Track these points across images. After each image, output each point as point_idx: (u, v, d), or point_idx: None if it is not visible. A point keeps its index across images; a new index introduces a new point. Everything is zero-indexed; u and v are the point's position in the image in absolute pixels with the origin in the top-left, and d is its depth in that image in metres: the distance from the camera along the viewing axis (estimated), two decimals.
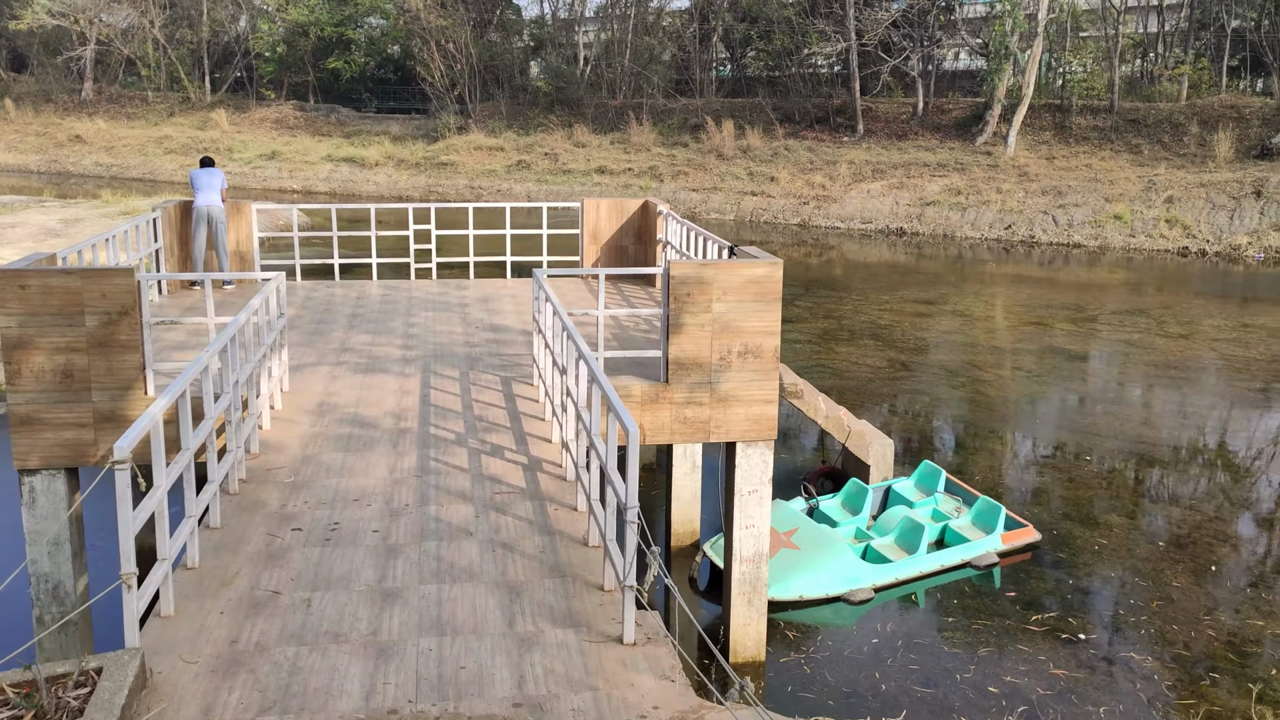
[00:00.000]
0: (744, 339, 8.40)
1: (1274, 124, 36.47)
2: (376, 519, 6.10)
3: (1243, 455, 13.96)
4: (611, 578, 5.12)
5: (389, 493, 6.49)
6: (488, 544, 5.71)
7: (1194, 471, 13.29)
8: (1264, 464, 13.63)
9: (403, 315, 11.50)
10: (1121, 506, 12.12)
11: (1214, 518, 11.83)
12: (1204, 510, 12.04)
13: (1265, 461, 13.73)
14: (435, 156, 48.17)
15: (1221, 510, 12.05)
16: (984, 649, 9.13)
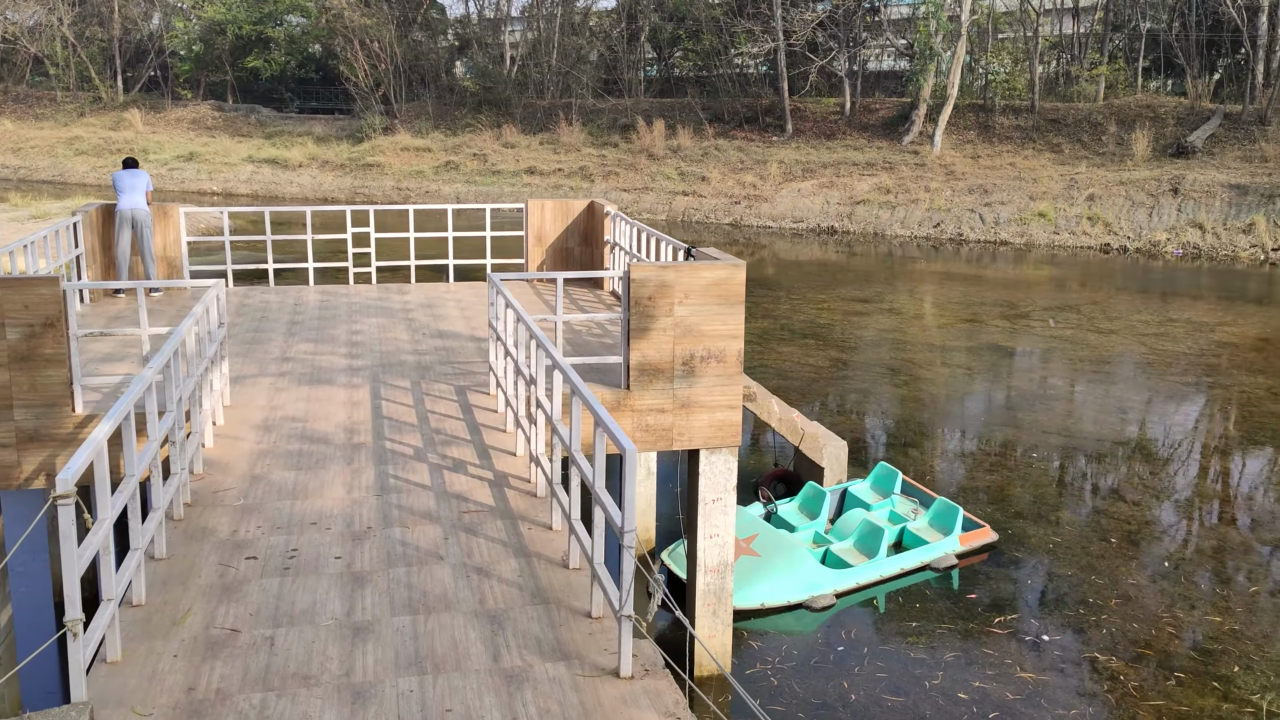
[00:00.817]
0: (707, 343, 8.17)
1: (1188, 123, 37.48)
2: (338, 544, 5.71)
3: (1184, 450, 14.15)
4: (599, 604, 4.82)
5: (349, 514, 6.10)
6: (461, 569, 5.36)
7: (1139, 467, 13.42)
8: (1204, 459, 13.83)
9: (345, 322, 11.04)
10: (1072, 503, 12.16)
11: (1162, 513, 11.93)
12: (1151, 506, 12.14)
13: (1205, 456, 13.93)
14: (361, 158, 47.24)
15: (1168, 505, 12.17)
16: (950, 653, 9.03)
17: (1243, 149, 35.43)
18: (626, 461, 3.94)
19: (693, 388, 8.22)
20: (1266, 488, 12.70)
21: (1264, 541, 11.19)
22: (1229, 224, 31.39)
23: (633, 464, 3.94)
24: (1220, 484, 12.88)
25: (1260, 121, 36.17)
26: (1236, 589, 10.14)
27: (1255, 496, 12.46)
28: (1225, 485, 12.82)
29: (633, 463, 3.94)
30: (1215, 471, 13.31)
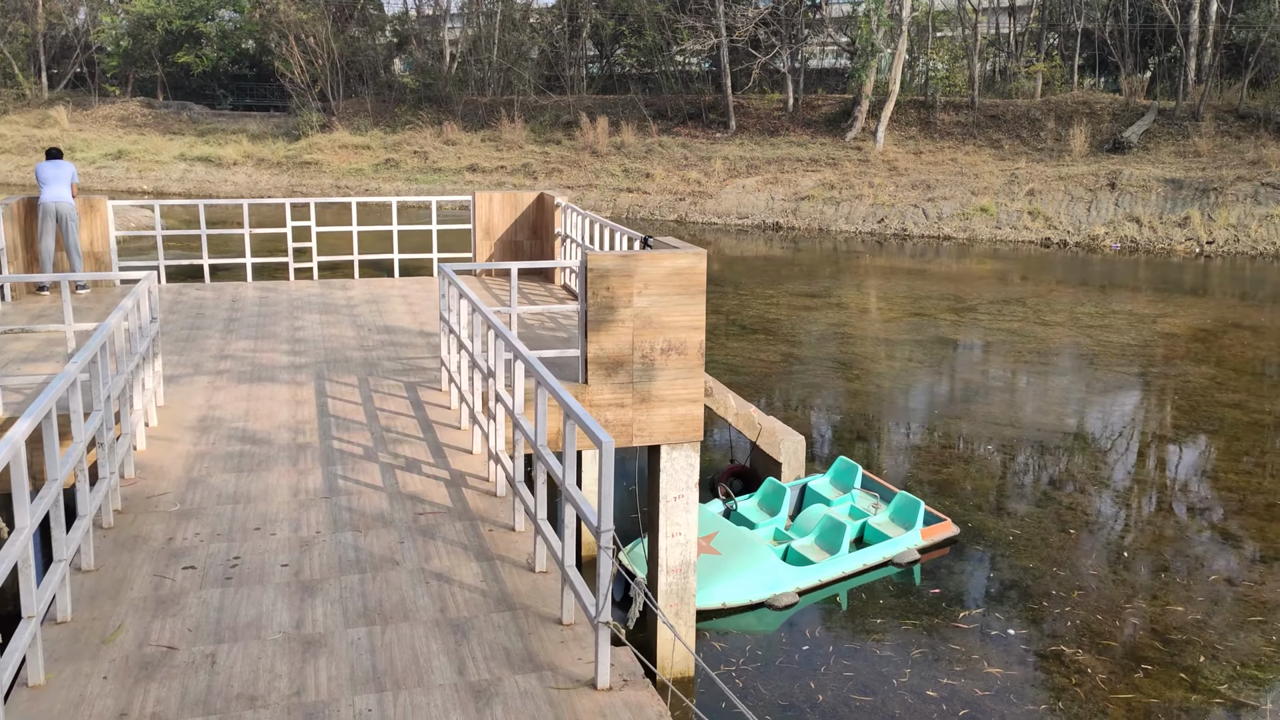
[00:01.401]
0: (667, 335, 7.89)
1: (1124, 119, 38.06)
2: (284, 550, 5.31)
3: (1135, 440, 14.18)
4: (570, 609, 4.50)
5: (295, 518, 5.69)
6: (419, 574, 4.99)
7: (1092, 457, 13.40)
8: (1155, 448, 13.87)
9: (286, 318, 10.57)
10: (1029, 495, 12.09)
11: (1117, 503, 11.90)
12: (1107, 496, 12.11)
13: (1156, 445, 13.97)
14: (298, 155, 46.27)
15: (1123, 495, 12.15)
16: (917, 650, 8.85)
17: (1177, 144, 36.05)
18: (604, 456, 3.64)
19: (653, 381, 7.94)
20: (1218, 475, 12.75)
21: (1218, 529, 11.19)
22: (1165, 218, 31.88)
23: (610, 458, 3.64)
24: (1172, 473, 12.90)
25: (1193, 117, 36.84)
26: (1197, 578, 10.10)
27: (1207, 485, 12.50)
28: (1177, 474, 12.85)
29: (610, 457, 3.64)
30: (1167, 461, 13.34)
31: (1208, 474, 12.82)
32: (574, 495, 4.05)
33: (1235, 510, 11.72)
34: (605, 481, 3.68)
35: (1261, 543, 10.88)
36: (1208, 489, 12.34)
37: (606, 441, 3.64)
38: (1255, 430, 14.46)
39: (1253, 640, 8.97)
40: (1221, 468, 13.03)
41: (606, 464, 3.64)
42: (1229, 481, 12.58)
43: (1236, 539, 10.97)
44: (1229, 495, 12.14)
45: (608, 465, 3.65)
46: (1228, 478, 12.70)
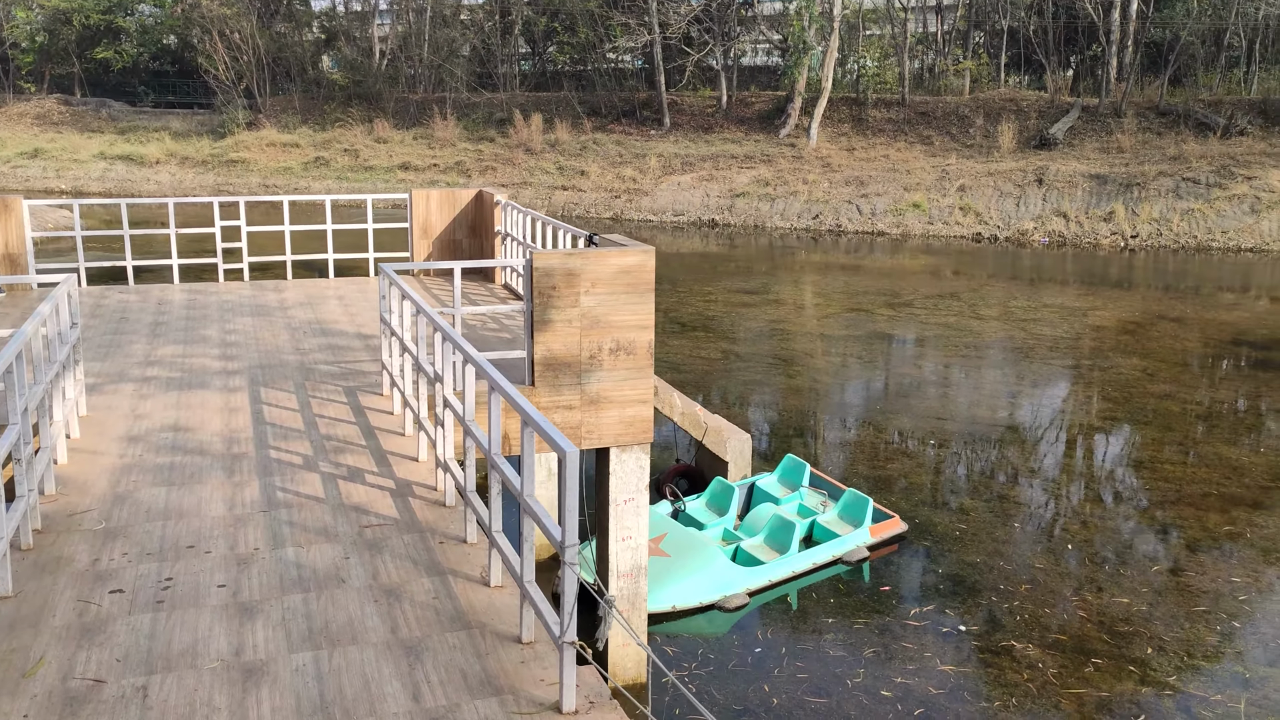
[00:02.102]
0: (615, 334, 7.70)
1: (1049, 116, 38.74)
2: (220, 569, 5.01)
3: (1073, 432, 14.33)
4: (531, 627, 4.28)
5: (231, 534, 5.39)
6: (367, 592, 4.73)
7: (1032, 450, 13.51)
8: (1093, 440, 14.02)
9: (216, 322, 10.17)
10: (972, 489, 12.13)
11: (1059, 495, 12.00)
12: (1049, 488, 12.20)
13: (1094, 438, 14.13)
14: (224, 154, 45.16)
15: (1065, 487, 12.25)
16: (869, 650, 8.78)
17: (1101, 140, 36.78)
18: (566, 465, 3.44)
19: (602, 382, 7.75)
20: (1154, 465, 12.92)
21: (1157, 520, 11.32)
22: (1091, 213, 32.50)
23: (574, 467, 3.44)
24: (1109, 464, 13.04)
25: (1116, 114, 37.62)
26: (1138, 569, 10.19)
27: (1144, 475, 12.66)
28: (1114, 465, 13.00)
29: (574, 466, 3.44)
30: (1103, 452, 13.49)
31: (1144, 465, 12.98)
32: (534, 507, 3.85)
33: (1173, 500, 11.87)
34: (569, 492, 3.48)
35: (1200, 532, 11.03)
36: (1145, 479, 12.50)
37: (570, 450, 3.45)
38: (1187, 420, 14.71)
39: (1198, 631, 9.05)
40: (1157, 458, 13.21)
41: (570, 473, 3.45)
42: (1165, 472, 12.76)
43: (1176, 528, 11.11)
44: (1166, 485, 12.30)
45: (571, 475, 3.46)
46: (1164, 468, 12.88)
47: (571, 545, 3.52)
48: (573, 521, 3.49)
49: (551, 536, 3.62)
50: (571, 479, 3.44)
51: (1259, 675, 8.38)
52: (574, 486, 3.46)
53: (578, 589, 3.56)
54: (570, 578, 3.55)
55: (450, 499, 5.67)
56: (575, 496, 3.45)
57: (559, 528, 3.60)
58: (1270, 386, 16.44)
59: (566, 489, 3.45)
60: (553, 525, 3.67)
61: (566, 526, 3.50)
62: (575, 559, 3.52)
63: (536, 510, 3.84)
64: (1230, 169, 32.59)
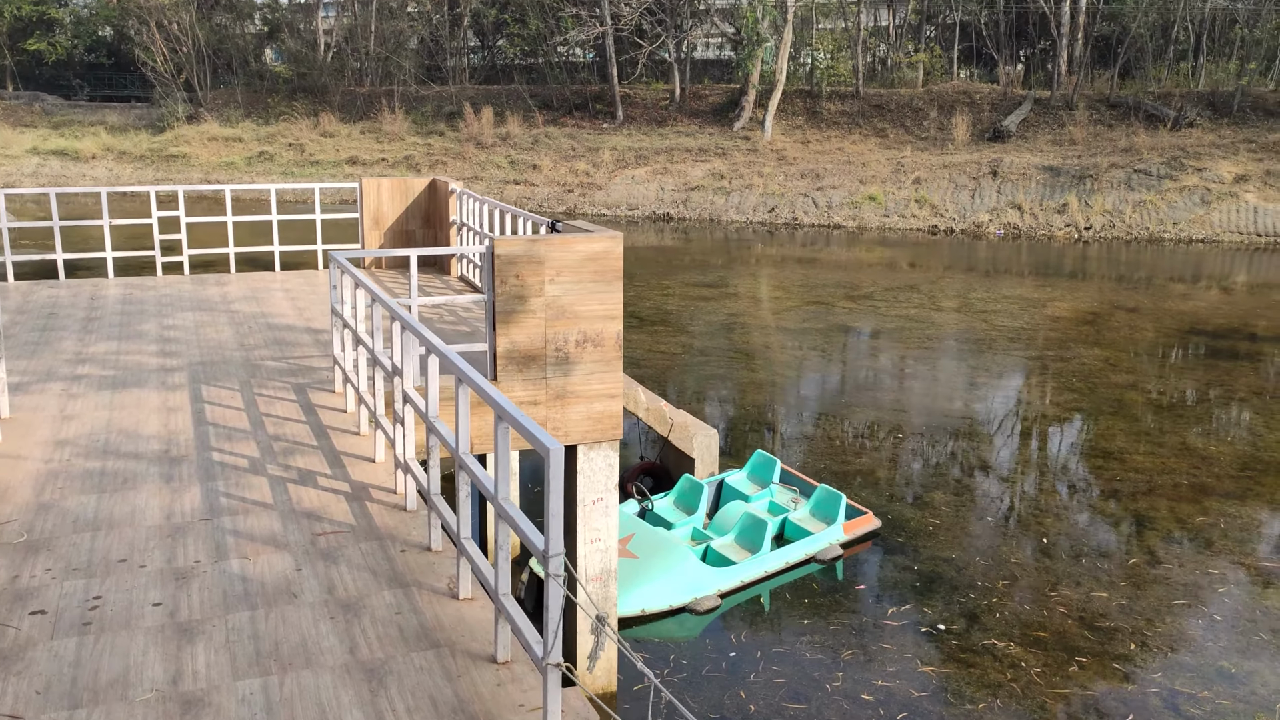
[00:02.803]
0: (582, 325, 7.28)
1: (1002, 108, 38.87)
2: (156, 586, 4.51)
3: (1042, 423, 14.15)
4: (507, 645, 3.84)
5: (169, 546, 4.88)
6: (322, 608, 4.26)
7: (1001, 442, 13.30)
8: (1062, 431, 13.85)
9: (154, 317, 9.57)
10: (943, 483, 11.87)
11: (1030, 487, 11.78)
12: (1020, 481, 11.99)
13: (1063, 428, 13.95)
14: (163, 148, 43.95)
15: (1036, 479, 12.04)
16: (847, 652, 8.45)
17: (1053, 133, 36.96)
18: (550, 465, 3.03)
19: (568, 376, 7.33)
20: (1124, 457, 12.76)
21: (1131, 511, 11.14)
22: (1045, 204, 32.60)
23: (559, 467, 3.03)
24: (1080, 455, 12.86)
25: (1067, 106, 37.83)
26: (1115, 562, 9.98)
27: (1115, 466, 12.48)
28: (1085, 457, 12.82)
29: (559, 465, 3.03)
30: (1073, 444, 13.31)
31: (1114, 456, 12.82)
32: (511, 513, 3.43)
33: (1145, 491, 11.71)
34: (554, 495, 3.07)
35: (1174, 523, 10.85)
36: (1116, 471, 12.33)
37: (554, 447, 3.04)
38: (1153, 410, 14.60)
39: (1180, 624, 8.84)
40: (1126, 449, 13.05)
41: (555, 473, 3.04)
42: (1134, 463, 12.60)
43: (1150, 520, 10.92)
44: (1137, 476, 12.13)
45: (556, 475, 3.04)
46: (1133, 459, 12.72)
47: (556, 554, 3.11)
48: (557, 527, 3.09)
49: (533, 545, 3.21)
50: (556, 479, 3.04)
51: (1245, 670, 8.18)
52: (559, 488, 3.06)
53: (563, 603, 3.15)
54: (555, 591, 3.14)
55: (411, 503, 5.19)
56: (560, 499, 3.05)
57: (540, 535, 3.19)
58: (1230, 375, 16.42)
59: (551, 491, 3.04)
60: (533, 532, 3.25)
61: (550, 533, 3.09)
62: (560, 569, 3.11)
63: (514, 515, 3.42)
64: (1180, 160, 32.87)
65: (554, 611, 3.18)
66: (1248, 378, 16.30)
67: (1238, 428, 13.90)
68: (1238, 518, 10.99)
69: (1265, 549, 10.29)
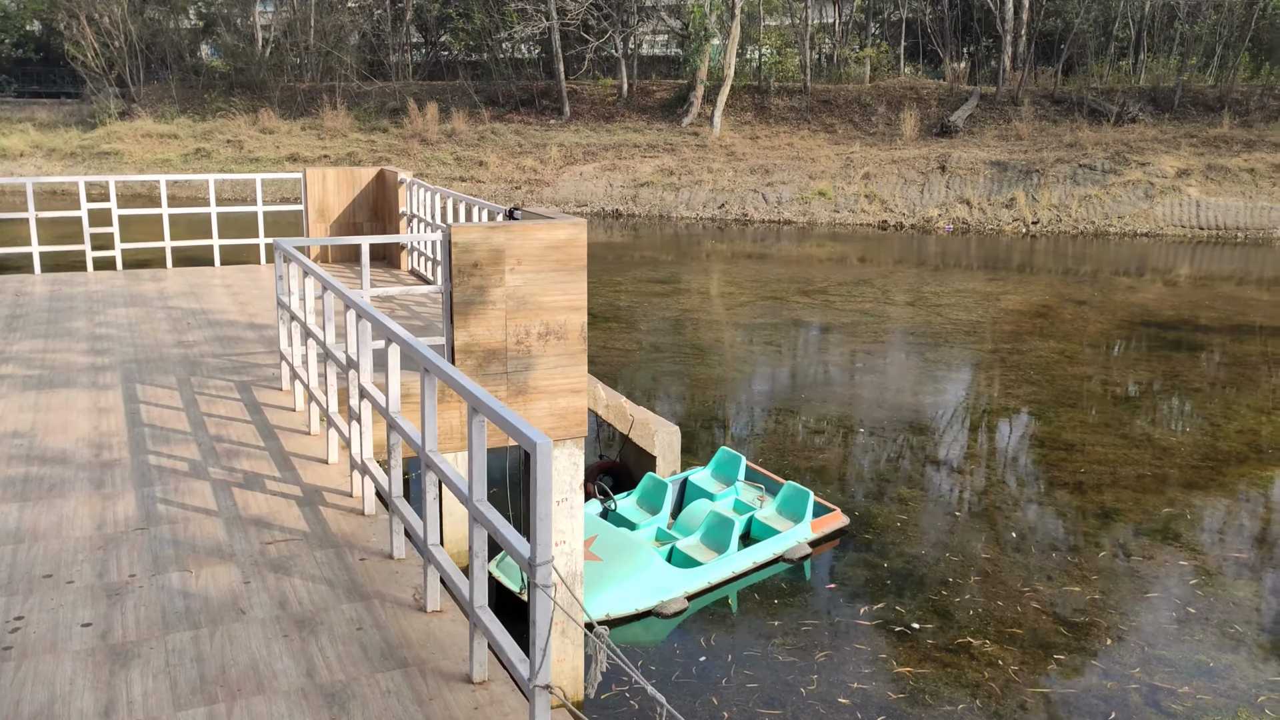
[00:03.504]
0: (545, 317, 6.92)
1: (949, 104, 39.07)
2: (86, 604, 4.06)
3: (1004, 416, 14.03)
4: (483, 663, 3.46)
5: (100, 559, 4.42)
6: (274, 625, 3.84)
7: (964, 435, 13.14)
8: (1024, 423, 13.73)
9: (84, 314, 9.01)
10: (908, 478, 11.67)
11: (995, 480, 11.62)
12: (984, 473, 11.82)
13: (1025, 420, 13.84)
14: (95, 145, 42.64)
15: (1001, 472, 11.89)
16: (820, 654, 8.17)
17: (999, 128, 37.22)
18: (537, 462, 2.67)
19: (531, 371, 6.96)
20: (1086, 448, 12.66)
21: (1097, 503, 11.01)
22: (993, 199, 32.78)
23: (547, 465, 2.68)
24: (1043, 448, 12.74)
25: (1013, 102, 38.11)
26: (1086, 555, 9.82)
27: (1078, 458, 12.38)
28: (1048, 449, 12.70)
29: (546, 463, 2.68)
30: (1035, 436, 13.19)
31: (1076, 447, 12.71)
32: (491, 518, 3.06)
33: (1109, 483, 11.60)
34: (542, 497, 2.72)
35: (1140, 515, 10.74)
36: (1080, 462, 12.21)
37: (541, 442, 2.68)
38: (1112, 402, 14.56)
39: (1155, 618, 8.69)
40: (1087, 440, 12.96)
41: (543, 472, 2.68)
42: (1097, 454, 12.50)
43: (1116, 512, 10.80)
44: (1100, 468, 12.03)
45: (544, 474, 2.69)
46: (1095, 450, 12.62)
47: (545, 562, 2.75)
48: (546, 532, 2.73)
49: (516, 552, 2.85)
50: (544, 478, 2.68)
51: (1222, 664, 8.03)
52: (547, 488, 2.70)
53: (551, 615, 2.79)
54: (544, 603, 2.79)
55: (370, 507, 4.77)
56: (549, 499, 2.69)
57: (524, 541, 2.82)
58: (1184, 366, 16.46)
59: (539, 493, 2.68)
60: (516, 537, 2.89)
61: (538, 540, 2.73)
62: (549, 579, 2.76)
63: (492, 519, 3.05)
64: (1124, 155, 33.23)
65: (542, 626, 2.82)
66: (1201, 368, 16.36)
67: (1196, 418, 13.89)
68: (1203, 509, 10.92)
69: (1231, 540, 10.22)
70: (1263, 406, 14.42)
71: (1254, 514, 10.87)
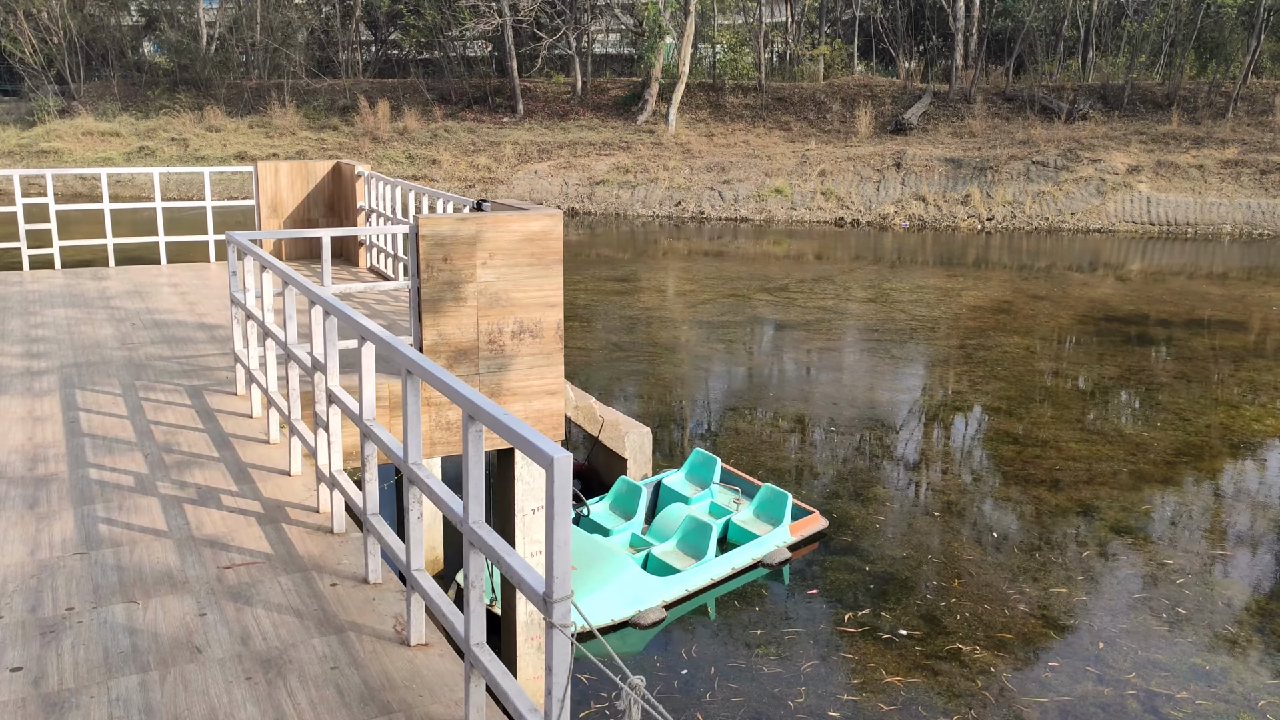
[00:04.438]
0: (519, 314, 6.51)
1: (902, 101, 39.09)
2: (16, 644, 3.56)
3: (975, 413, 13.82)
4: (482, 710, 3.03)
5: (33, 590, 3.92)
6: (235, 667, 3.37)
7: (936, 432, 12.91)
8: (996, 420, 13.53)
9: (18, 315, 8.43)
10: (884, 478, 11.39)
11: (970, 478, 11.38)
12: (960, 472, 11.59)
13: (996, 417, 13.64)
14: (33, 144, 41.33)
15: (975, 470, 11.65)
16: (807, 664, 7.84)
17: (953, 125, 37.28)
18: (554, 479, 2.28)
19: (504, 371, 6.54)
20: (1060, 445, 12.48)
21: (1075, 500, 10.82)
22: (948, 196, 32.79)
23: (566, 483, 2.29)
24: (1017, 445, 12.54)
25: (965, 100, 38.21)
26: (1069, 554, 9.60)
27: (1053, 455, 12.19)
28: (1022, 446, 12.50)
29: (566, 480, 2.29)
30: (1009, 433, 13.00)
31: (1050, 444, 12.53)
32: (493, 543, 2.65)
33: (1085, 480, 11.41)
34: (559, 523, 2.33)
35: (1120, 512, 10.55)
36: (1055, 460, 12.02)
37: (559, 456, 2.29)
38: (1079, 397, 14.42)
39: (1144, 620, 8.47)
40: (1060, 437, 12.78)
41: (561, 491, 2.29)
42: (1071, 450, 12.32)
43: (1096, 510, 10.61)
44: (1076, 465, 11.85)
45: (562, 495, 2.30)
46: (1069, 447, 12.45)
47: (563, 598, 2.36)
48: (564, 563, 2.34)
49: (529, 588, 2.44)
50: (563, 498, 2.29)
51: (1219, 666, 7.82)
52: (565, 509, 2.32)
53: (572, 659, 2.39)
54: (562, 645, 2.40)
55: (339, 524, 4.30)
56: (566, 524, 2.31)
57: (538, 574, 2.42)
58: (1148, 360, 16.41)
59: (555, 516, 2.29)
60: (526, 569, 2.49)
61: (555, 573, 2.33)
62: (567, 618, 2.37)
63: (497, 546, 2.64)
64: (1076, 152, 33.41)
65: (560, 672, 2.43)
66: (1166, 363, 16.31)
67: (1165, 413, 13.78)
68: (1182, 505, 10.76)
69: (1215, 537, 10.05)
70: (1229, 400, 14.37)
71: (1233, 509, 10.73)
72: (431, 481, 3.13)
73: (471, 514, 2.80)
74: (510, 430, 2.48)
